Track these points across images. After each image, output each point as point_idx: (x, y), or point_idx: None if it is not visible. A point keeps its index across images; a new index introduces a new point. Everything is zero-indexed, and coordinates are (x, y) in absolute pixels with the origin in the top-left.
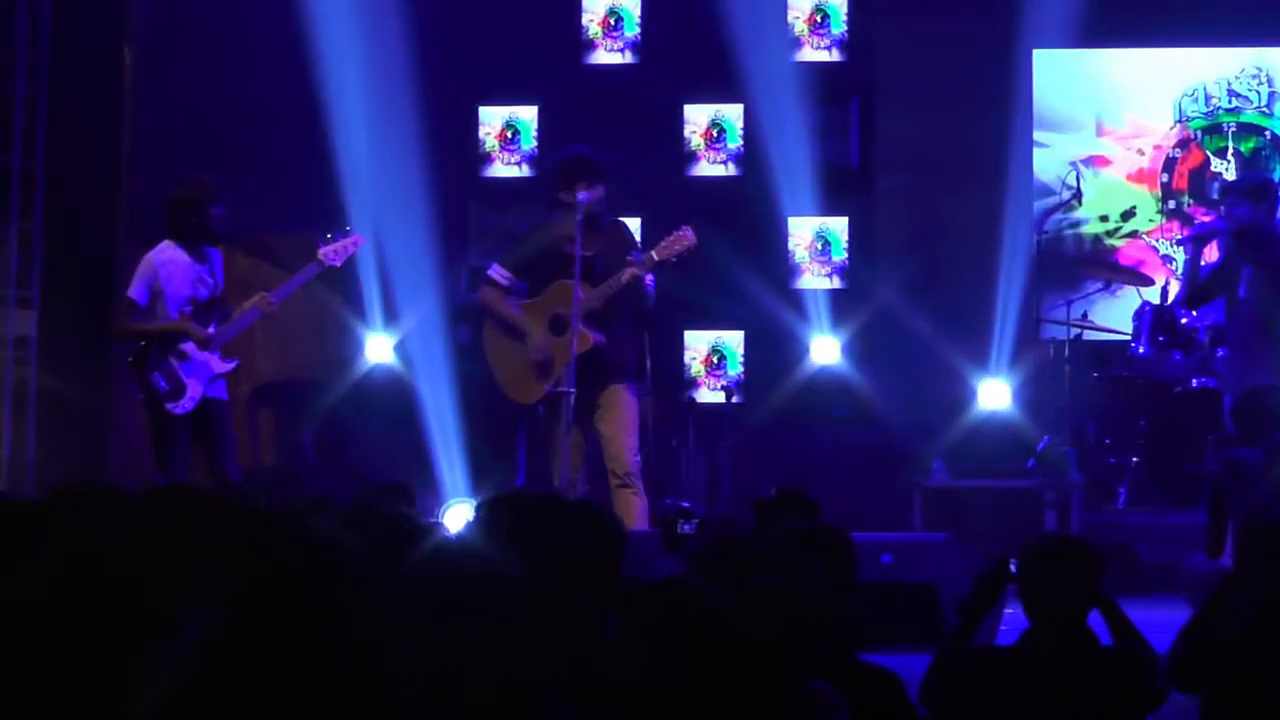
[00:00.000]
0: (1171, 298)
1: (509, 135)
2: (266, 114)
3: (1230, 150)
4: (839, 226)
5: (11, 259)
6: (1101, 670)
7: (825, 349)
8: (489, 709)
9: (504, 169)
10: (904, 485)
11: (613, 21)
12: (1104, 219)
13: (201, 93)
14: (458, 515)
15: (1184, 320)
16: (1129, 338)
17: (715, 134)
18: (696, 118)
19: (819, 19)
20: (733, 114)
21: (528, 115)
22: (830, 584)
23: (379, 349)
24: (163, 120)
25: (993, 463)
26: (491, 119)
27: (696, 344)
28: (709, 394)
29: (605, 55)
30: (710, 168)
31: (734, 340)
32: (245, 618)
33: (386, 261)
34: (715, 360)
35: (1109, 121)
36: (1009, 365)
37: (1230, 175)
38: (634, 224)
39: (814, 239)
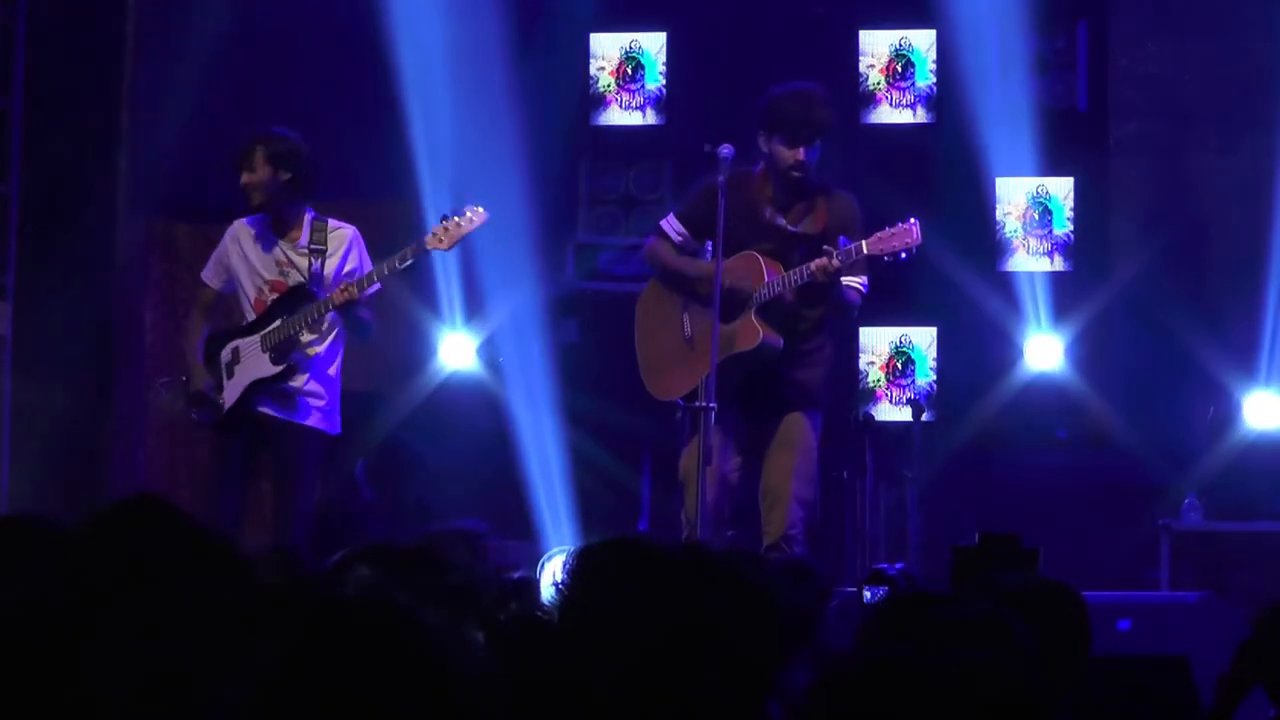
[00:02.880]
0: None
1: (629, 71)
2: (316, 42)
3: None
4: (1062, 190)
5: None
6: None
7: (1044, 350)
8: None
9: (622, 115)
10: (1147, 528)
11: None
12: None
13: (237, 15)
14: (557, 569)
15: None
16: None
17: (899, 69)
18: (875, 47)
19: None
20: (923, 42)
21: (653, 44)
22: (1055, 658)
23: (457, 351)
24: (183, 47)
25: (1262, 500)
26: (607, 50)
27: (875, 344)
28: (891, 409)
29: None
30: (893, 113)
31: (924, 339)
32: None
33: (469, 238)
34: (899, 365)
35: None
36: None
37: None
38: None
39: (1029, 206)
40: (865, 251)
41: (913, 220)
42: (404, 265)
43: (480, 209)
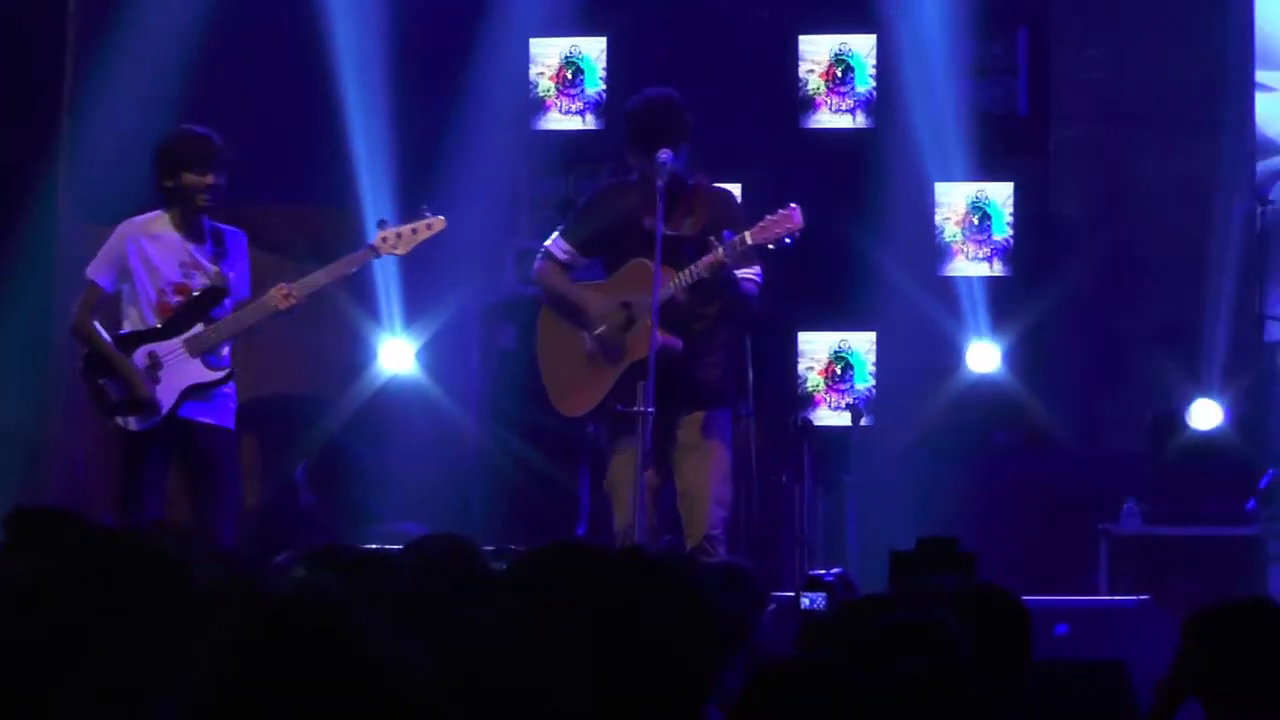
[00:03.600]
0: None
1: (569, 76)
2: (257, 48)
3: None
4: (1001, 194)
5: None
6: None
7: (983, 355)
8: None
9: (562, 119)
10: (1086, 533)
11: None
12: None
13: (179, 19)
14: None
15: None
16: None
17: (839, 74)
18: (815, 52)
19: None
20: (863, 48)
21: (593, 49)
22: (994, 664)
23: (395, 357)
24: (125, 52)
25: (1202, 503)
26: (546, 55)
27: (814, 349)
28: (830, 414)
29: None
30: (833, 118)
31: (863, 344)
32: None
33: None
34: (838, 370)
35: None
36: (1223, 377)
37: None
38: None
39: (969, 211)
40: (750, 242)
41: (793, 206)
42: (354, 269)
43: (440, 217)
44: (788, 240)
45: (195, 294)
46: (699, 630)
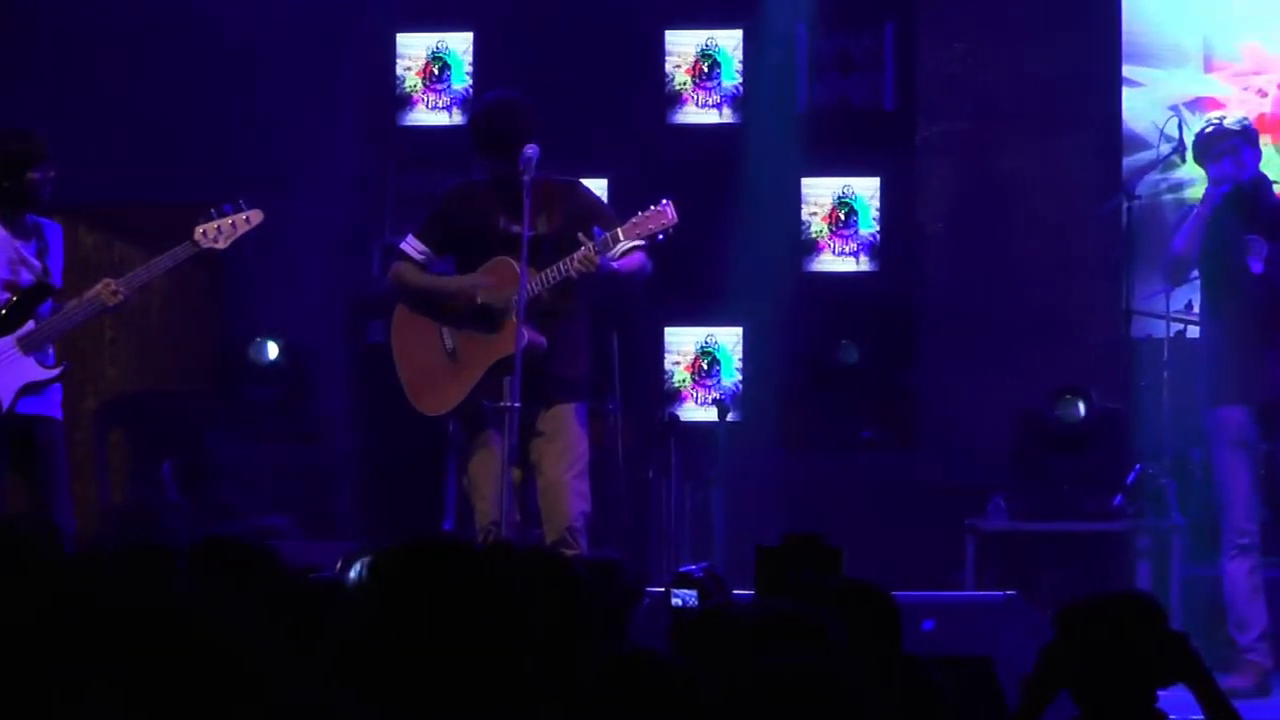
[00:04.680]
0: None
1: (435, 71)
2: (116, 44)
3: None
4: (868, 190)
5: None
6: None
7: (850, 351)
8: None
9: (429, 115)
10: (952, 528)
11: None
12: None
13: (43, 12)
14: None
15: None
16: None
17: (706, 69)
18: (681, 47)
19: None
20: (728, 42)
21: (460, 44)
22: (865, 660)
23: (262, 352)
24: None
25: (1068, 499)
26: (413, 49)
27: (680, 344)
28: (696, 410)
29: None
30: (699, 113)
31: (729, 339)
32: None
33: (274, 239)
34: (705, 365)
35: (1221, 53)
36: (1090, 372)
37: None
38: (598, 188)
39: (835, 206)
40: (622, 239)
41: (666, 201)
42: (175, 264)
43: (257, 210)
44: (661, 236)
45: (24, 291)
46: (568, 625)
